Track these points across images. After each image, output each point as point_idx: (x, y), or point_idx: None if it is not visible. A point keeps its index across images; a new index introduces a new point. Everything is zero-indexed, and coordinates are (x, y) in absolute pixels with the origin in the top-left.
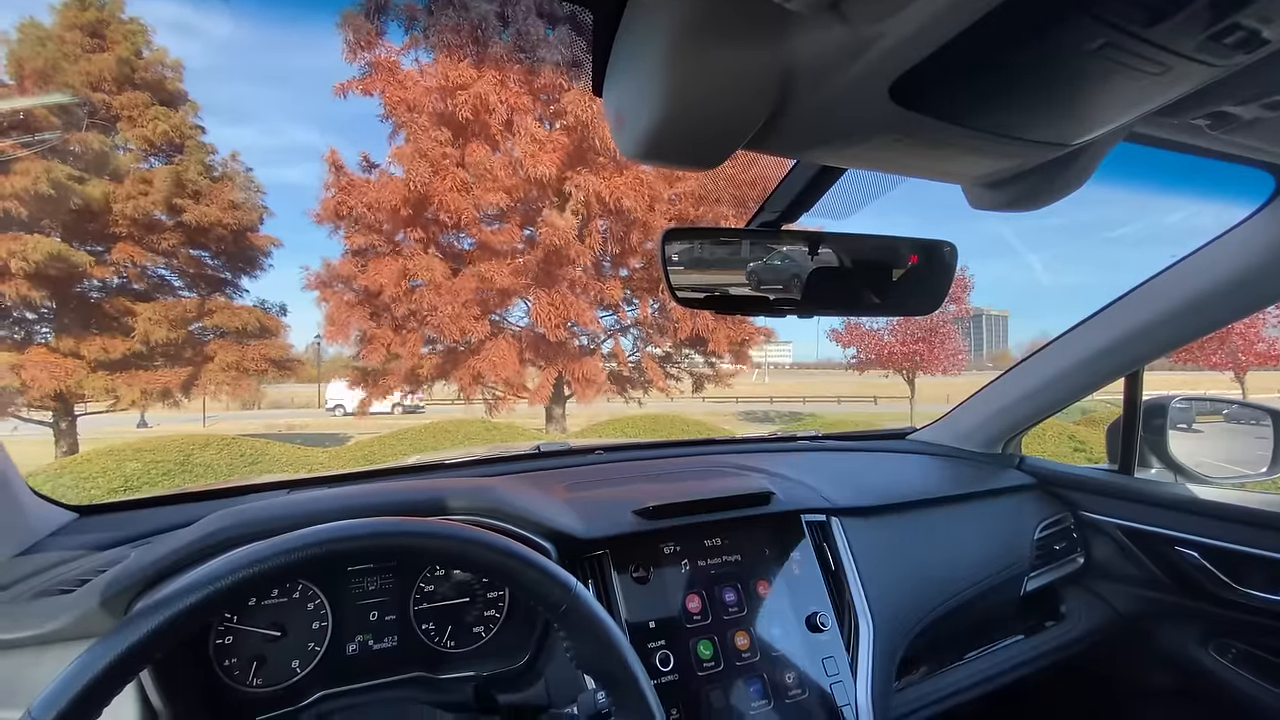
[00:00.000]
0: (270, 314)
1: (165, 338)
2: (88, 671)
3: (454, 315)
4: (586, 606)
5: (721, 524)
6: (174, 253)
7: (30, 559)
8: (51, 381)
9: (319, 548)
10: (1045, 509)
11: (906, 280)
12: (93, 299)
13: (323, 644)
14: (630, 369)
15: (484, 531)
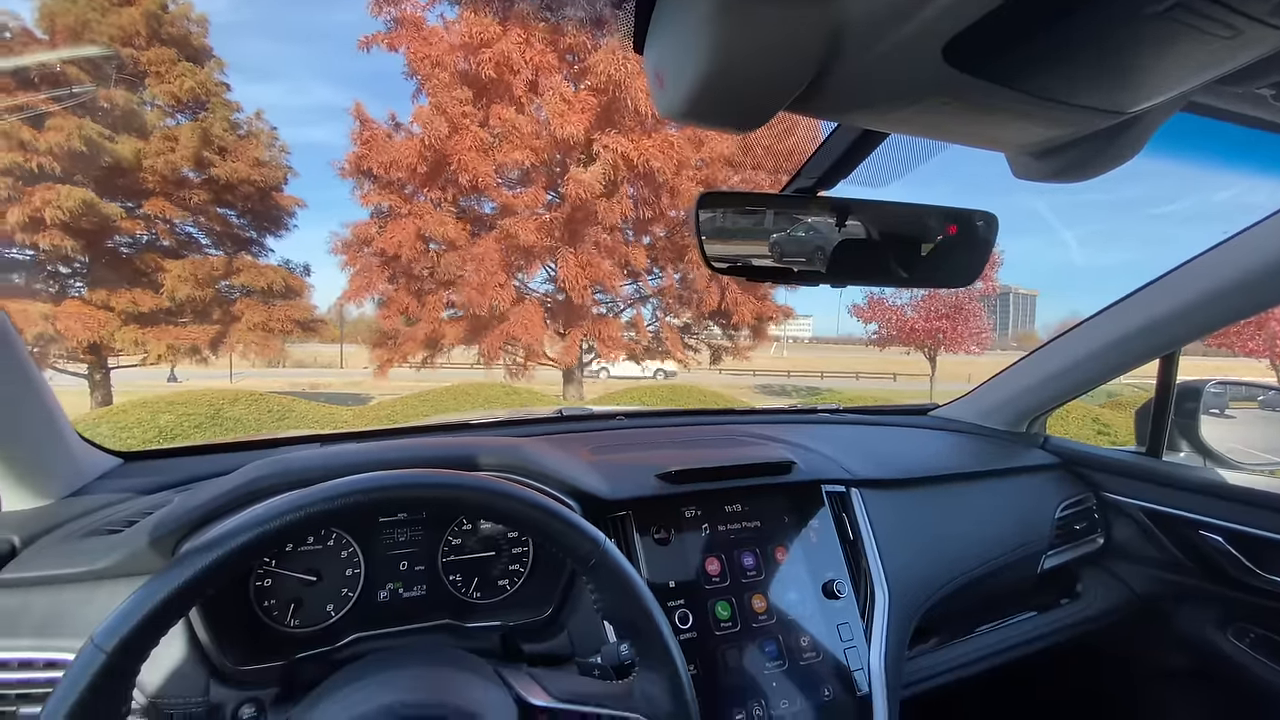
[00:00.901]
0: (295, 274)
1: (191, 294)
2: (147, 603)
3: (480, 285)
4: (614, 561)
5: (742, 490)
6: (202, 210)
7: (79, 500)
8: (85, 332)
9: (361, 495)
10: (1067, 489)
11: (943, 251)
12: (123, 253)
13: (356, 590)
14: (649, 339)
15: (519, 486)
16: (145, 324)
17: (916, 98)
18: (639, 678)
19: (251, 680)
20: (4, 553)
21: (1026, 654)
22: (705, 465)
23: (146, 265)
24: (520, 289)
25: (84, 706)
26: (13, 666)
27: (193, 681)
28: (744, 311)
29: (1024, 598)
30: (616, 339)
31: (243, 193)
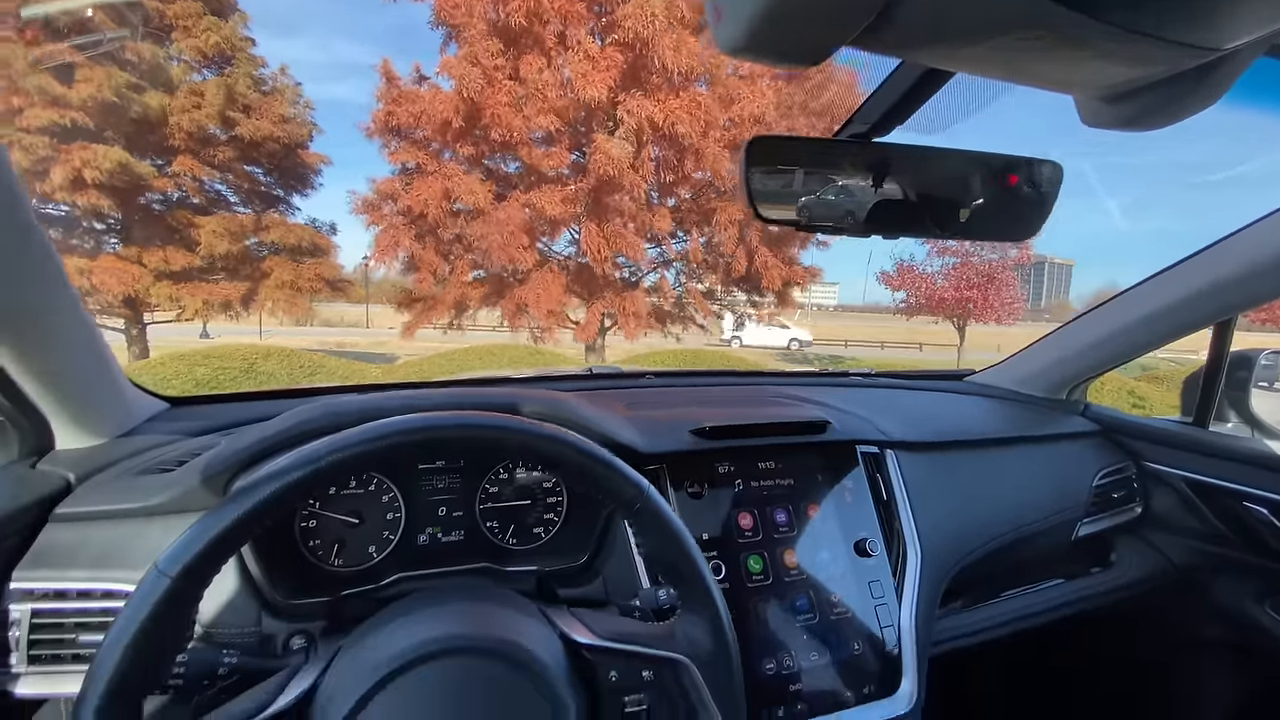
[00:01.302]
0: (321, 233)
1: (228, 251)
2: (209, 532)
3: (502, 244)
4: (657, 506)
5: (776, 448)
6: (229, 167)
7: (130, 440)
8: (120, 286)
9: (411, 434)
10: (1107, 457)
11: (1004, 202)
12: (156, 210)
13: (396, 533)
14: (672, 303)
15: (568, 431)
16: (179, 280)
17: (994, 32)
18: (680, 620)
19: (300, 614)
20: (60, 489)
21: (1052, 620)
22: (740, 422)
23: (178, 222)
24: (543, 252)
25: (149, 629)
26: (71, 596)
27: (245, 613)
28: (773, 276)
29: (1055, 565)
30: (639, 313)
31: (269, 150)
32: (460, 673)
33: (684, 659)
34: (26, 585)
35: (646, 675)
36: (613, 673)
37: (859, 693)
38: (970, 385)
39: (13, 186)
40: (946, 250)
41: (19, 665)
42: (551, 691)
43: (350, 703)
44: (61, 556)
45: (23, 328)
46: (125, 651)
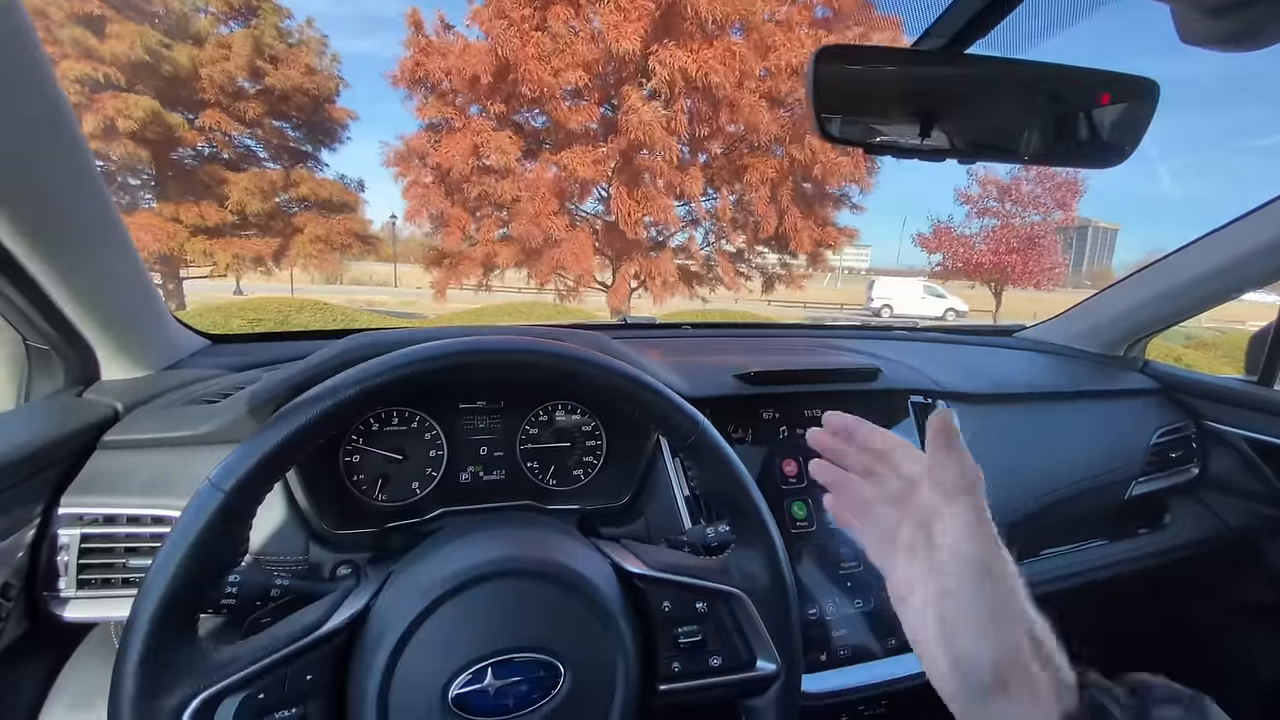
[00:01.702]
0: (350, 189)
1: (259, 208)
2: (260, 449)
3: (534, 215)
4: (712, 440)
5: (822, 395)
6: (258, 122)
7: (175, 373)
8: (156, 244)
9: (466, 356)
10: (1166, 415)
11: (1093, 124)
12: (187, 166)
13: (439, 470)
14: (701, 264)
15: (624, 363)
16: (213, 236)
17: None
18: (735, 554)
19: (347, 544)
20: (108, 417)
21: (1095, 580)
22: (786, 368)
23: (209, 178)
24: (572, 213)
25: (203, 542)
26: (121, 521)
27: (293, 542)
28: (803, 238)
29: (1103, 524)
30: (668, 275)
31: (297, 104)
32: (514, 595)
33: (739, 592)
34: (76, 510)
35: (700, 607)
36: (665, 603)
37: (904, 642)
38: (1021, 341)
39: (69, 116)
40: (987, 212)
41: (68, 589)
42: (606, 615)
43: (405, 624)
44: (111, 483)
45: (69, 257)
46: (179, 565)
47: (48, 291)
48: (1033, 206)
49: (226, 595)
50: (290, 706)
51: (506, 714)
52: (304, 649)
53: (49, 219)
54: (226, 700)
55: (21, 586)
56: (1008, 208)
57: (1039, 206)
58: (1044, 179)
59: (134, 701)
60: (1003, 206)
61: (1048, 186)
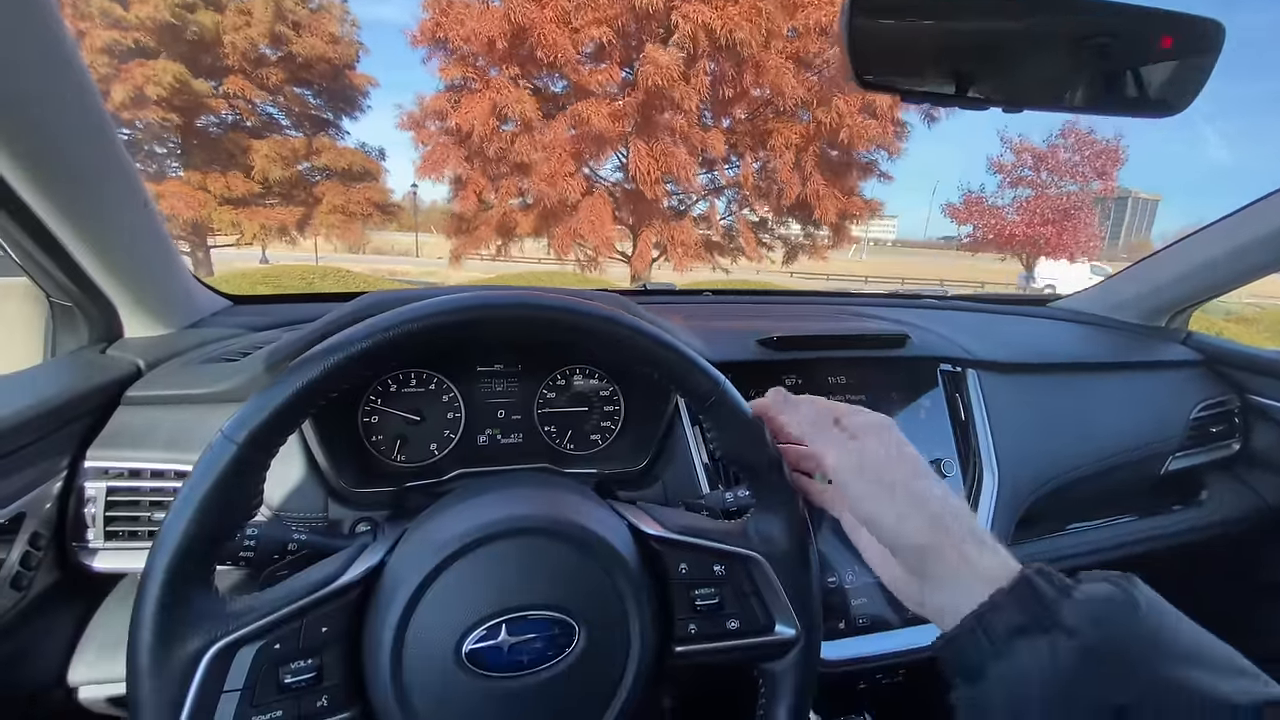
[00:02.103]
0: (370, 157)
1: (282, 176)
2: (272, 401)
3: (550, 176)
4: (733, 401)
5: (848, 362)
6: (280, 89)
7: (196, 332)
8: (188, 211)
9: (486, 310)
10: (1209, 388)
11: (1153, 68)
12: (213, 134)
13: (457, 432)
14: (722, 234)
15: (643, 321)
16: (239, 205)
17: None
18: (754, 518)
19: (365, 502)
20: (130, 373)
21: (1138, 554)
22: (810, 333)
23: (234, 146)
24: (590, 178)
25: (215, 493)
26: (146, 475)
27: (312, 499)
28: (827, 206)
29: (1135, 499)
30: (689, 242)
31: (318, 71)
32: (529, 552)
33: (758, 555)
34: (101, 464)
35: (718, 570)
36: (682, 565)
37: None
38: (1057, 310)
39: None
40: (1021, 181)
41: (96, 540)
42: (621, 575)
43: (419, 579)
44: (134, 437)
45: (89, 215)
46: (193, 516)
47: (69, 248)
48: (1070, 175)
49: (244, 549)
50: (306, 657)
51: (521, 670)
52: (319, 601)
53: (69, 178)
54: (243, 649)
55: (51, 536)
56: (1043, 177)
57: (1076, 175)
58: (1082, 146)
59: (152, 649)
60: (1038, 175)
61: (1087, 154)
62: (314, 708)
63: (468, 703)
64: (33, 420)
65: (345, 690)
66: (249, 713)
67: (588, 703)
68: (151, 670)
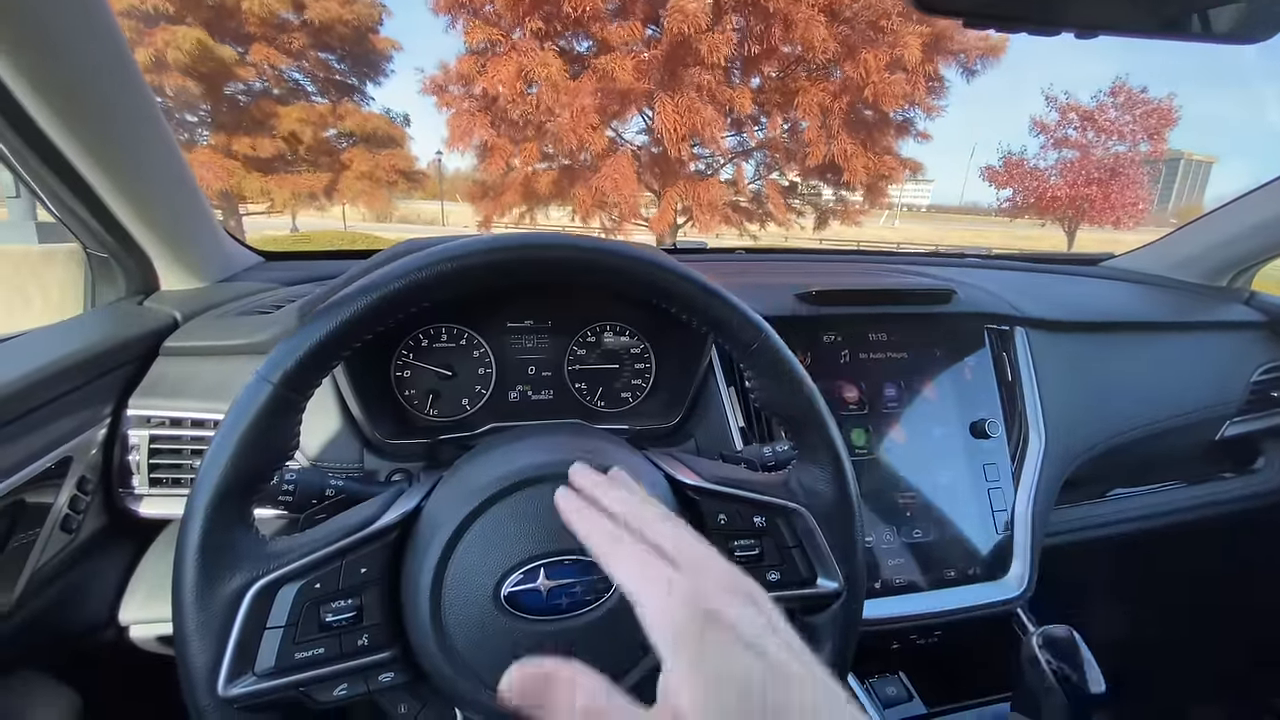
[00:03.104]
0: (395, 123)
1: (309, 142)
2: (306, 341)
3: (571, 123)
4: (776, 349)
5: (889, 318)
6: (303, 54)
7: (231, 285)
8: (217, 181)
9: (521, 251)
10: (1271, 351)
11: None
12: (241, 102)
13: (488, 388)
14: (749, 199)
15: (688, 267)
16: (268, 173)
17: None
18: (796, 470)
19: (400, 453)
20: (168, 324)
21: (1191, 520)
22: (851, 288)
23: (262, 113)
24: (615, 139)
25: (252, 433)
26: (186, 424)
27: (348, 450)
28: (856, 167)
29: (1187, 466)
30: (715, 203)
31: (340, 34)
32: None
33: (800, 508)
34: (143, 412)
35: (758, 522)
36: (721, 516)
37: (963, 573)
38: (1109, 270)
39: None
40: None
41: (141, 487)
42: None
43: (457, 520)
44: (174, 387)
45: (123, 166)
46: (231, 457)
47: (104, 199)
48: (1117, 135)
49: (284, 493)
50: (346, 597)
51: (560, 614)
52: (357, 543)
53: (104, 131)
54: (284, 587)
55: (98, 482)
56: (1089, 137)
57: (1125, 135)
58: (1133, 105)
59: (196, 585)
60: (1083, 136)
61: (1137, 113)
62: (355, 646)
63: (506, 644)
64: (74, 367)
65: (385, 630)
66: (292, 649)
67: (625, 649)
68: (196, 606)
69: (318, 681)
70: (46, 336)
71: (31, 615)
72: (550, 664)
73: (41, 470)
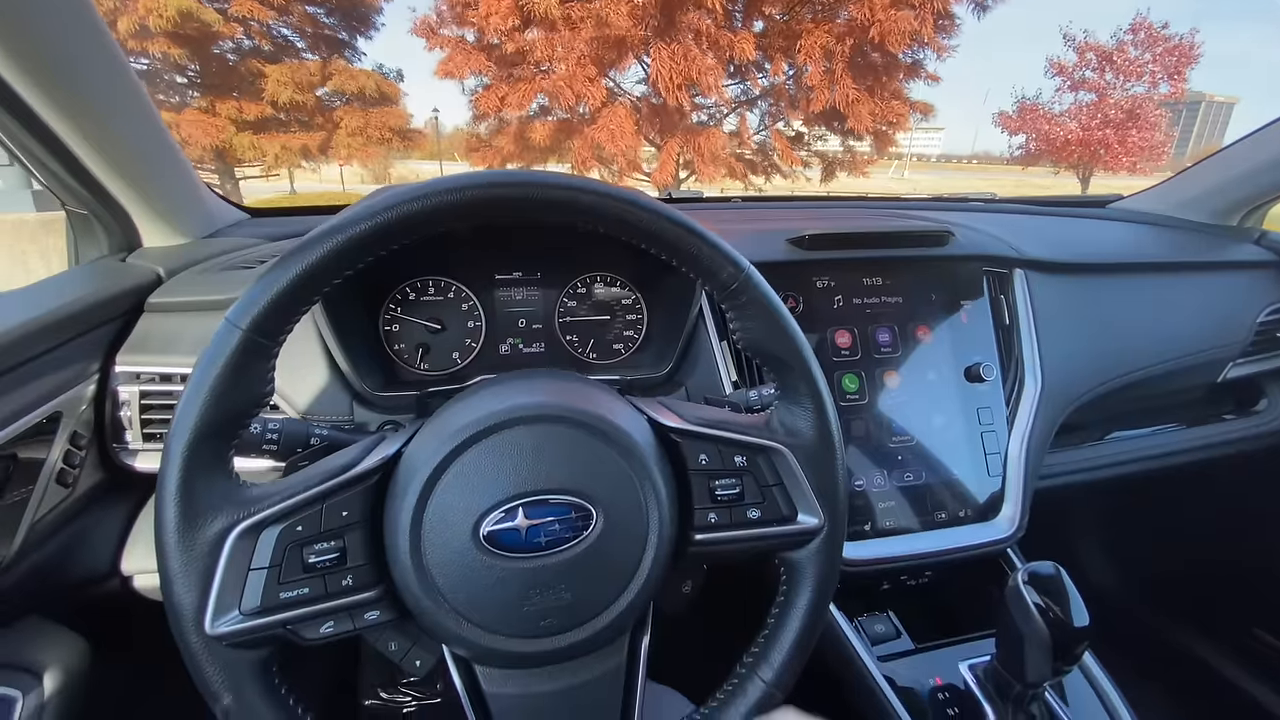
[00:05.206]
0: (388, 79)
1: (291, 99)
2: (274, 284)
3: (569, 76)
4: (757, 287)
5: (885, 263)
6: (288, 9)
7: (215, 241)
8: (206, 138)
9: (490, 189)
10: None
11: None
12: (230, 61)
13: (478, 341)
14: (754, 150)
15: (667, 205)
16: (257, 130)
17: None
18: (779, 409)
19: (389, 406)
20: (151, 280)
21: (1195, 461)
22: (844, 231)
23: (250, 71)
24: (613, 90)
25: (224, 377)
26: (176, 380)
27: (338, 402)
28: (860, 114)
29: (1187, 408)
30: (718, 154)
31: None
32: (546, 438)
33: (781, 446)
34: (131, 368)
35: (739, 461)
36: (702, 457)
37: (955, 515)
38: (1116, 211)
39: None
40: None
41: (135, 442)
42: (639, 463)
43: (435, 461)
44: (161, 343)
45: (95, 122)
46: (204, 401)
47: (76, 153)
48: (1136, 76)
49: (268, 441)
50: (328, 540)
51: (539, 551)
52: (337, 487)
53: (73, 85)
54: (266, 530)
55: (91, 437)
56: (1108, 79)
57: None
58: (1153, 43)
59: (178, 529)
60: (1101, 77)
61: (1157, 52)
62: (339, 586)
63: (487, 581)
64: (57, 324)
65: (369, 570)
66: (277, 589)
67: (606, 583)
68: (179, 548)
69: (304, 620)
70: (27, 295)
71: (33, 566)
72: None
73: (32, 425)
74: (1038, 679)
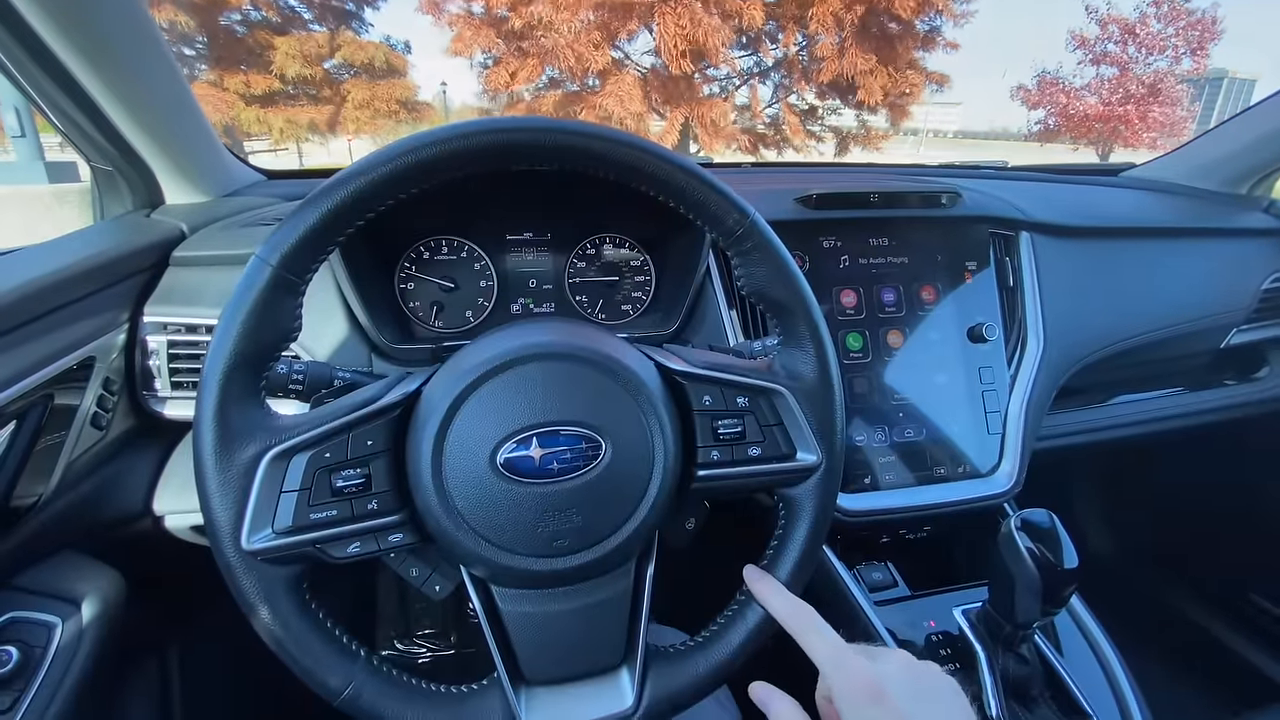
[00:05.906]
0: (396, 51)
1: (299, 73)
2: (304, 222)
3: (571, 40)
4: (761, 234)
5: (891, 223)
6: None
7: (235, 199)
8: (216, 114)
9: (502, 134)
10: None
11: None
12: (237, 34)
13: (490, 300)
14: (765, 123)
15: (673, 151)
16: (264, 104)
17: None
18: (781, 354)
19: (406, 358)
20: (175, 235)
21: (1195, 425)
22: (851, 190)
23: (258, 44)
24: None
25: (257, 310)
26: (202, 331)
27: (356, 354)
28: (871, 86)
29: (1188, 373)
30: (723, 125)
31: None
32: (557, 375)
33: (782, 388)
34: (159, 319)
35: (741, 402)
36: (706, 398)
37: (954, 471)
38: (1129, 179)
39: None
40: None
41: (164, 390)
42: (646, 401)
43: (452, 396)
44: (187, 295)
45: (125, 78)
46: (238, 332)
47: (104, 108)
48: (1159, 50)
49: (294, 382)
50: (355, 467)
51: (552, 478)
52: (362, 419)
53: (103, 41)
54: (296, 456)
55: (123, 384)
56: (1130, 52)
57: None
58: (1175, 17)
59: (215, 451)
60: (1123, 51)
61: (1180, 26)
62: (365, 509)
63: (504, 504)
64: (89, 272)
65: (393, 496)
66: (307, 510)
67: (614, 509)
68: (217, 469)
69: (332, 540)
70: (60, 245)
71: (69, 504)
72: None
73: (66, 368)
74: (1026, 620)
